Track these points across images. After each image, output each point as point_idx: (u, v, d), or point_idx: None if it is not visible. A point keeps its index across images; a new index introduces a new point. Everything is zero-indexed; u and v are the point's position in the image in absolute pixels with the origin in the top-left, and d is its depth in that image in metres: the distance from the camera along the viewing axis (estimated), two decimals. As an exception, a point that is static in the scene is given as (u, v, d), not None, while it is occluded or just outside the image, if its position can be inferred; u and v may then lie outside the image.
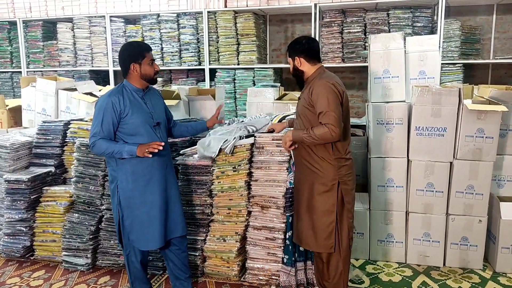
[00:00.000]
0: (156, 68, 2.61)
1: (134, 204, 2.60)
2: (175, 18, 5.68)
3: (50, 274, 3.29)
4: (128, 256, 2.73)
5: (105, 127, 2.50)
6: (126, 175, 2.57)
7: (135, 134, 2.54)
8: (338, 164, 2.52)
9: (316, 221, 2.56)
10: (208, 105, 4.05)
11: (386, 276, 3.19)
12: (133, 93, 2.58)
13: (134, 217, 2.61)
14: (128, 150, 2.49)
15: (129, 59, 2.55)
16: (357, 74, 5.71)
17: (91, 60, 6.13)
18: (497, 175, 3.37)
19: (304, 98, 2.54)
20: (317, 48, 2.61)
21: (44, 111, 4.39)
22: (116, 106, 2.49)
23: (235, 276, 3.09)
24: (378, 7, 5.22)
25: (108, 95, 2.54)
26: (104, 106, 2.50)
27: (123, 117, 2.51)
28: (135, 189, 2.58)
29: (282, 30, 6.07)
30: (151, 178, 2.60)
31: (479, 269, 3.26)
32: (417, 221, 3.32)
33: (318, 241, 2.57)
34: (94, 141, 2.51)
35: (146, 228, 2.61)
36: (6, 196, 3.45)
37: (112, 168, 2.62)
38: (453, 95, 3.10)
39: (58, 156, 3.64)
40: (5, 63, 6.52)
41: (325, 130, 2.38)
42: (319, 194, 2.54)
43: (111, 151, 2.50)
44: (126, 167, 2.56)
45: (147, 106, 2.61)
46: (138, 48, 2.58)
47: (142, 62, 2.54)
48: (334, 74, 2.57)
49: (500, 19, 5.36)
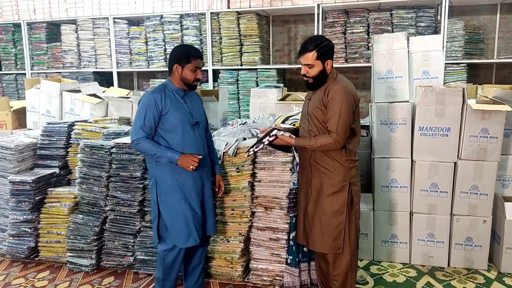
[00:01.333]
0: (198, 76, 2.65)
1: (173, 200, 2.64)
2: (178, 19, 5.70)
3: (55, 275, 3.30)
4: (164, 253, 2.71)
5: (148, 123, 2.57)
6: (165, 172, 2.62)
7: (174, 131, 2.60)
8: (349, 165, 2.52)
9: (325, 222, 2.54)
10: (212, 106, 4.06)
11: (390, 276, 3.19)
12: (174, 93, 2.65)
13: (172, 214, 2.64)
14: (169, 157, 2.56)
15: (174, 59, 2.63)
16: (360, 74, 5.71)
17: (95, 61, 6.16)
18: (501, 175, 3.35)
19: (318, 99, 2.50)
20: None
21: (48, 113, 4.41)
22: (158, 103, 2.57)
23: (239, 276, 3.09)
24: (381, 7, 5.21)
25: (151, 93, 2.63)
26: (147, 102, 2.58)
27: (163, 114, 2.58)
28: (174, 185, 2.63)
29: (285, 31, 6.08)
30: (189, 175, 2.62)
31: (484, 269, 3.25)
32: (421, 221, 3.31)
33: (326, 242, 2.56)
34: (138, 139, 2.58)
35: (185, 225, 2.64)
36: (11, 197, 3.46)
37: (150, 165, 2.69)
38: (457, 95, 3.09)
39: (63, 158, 3.65)
40: (10, 65, 6.56)
41: (329, 140, 2.39)
42: (329, 195, 2.53)
43: (153, 154, 2.57)
44: (165, 164, 2.60)
45: (187, 106, 2.67)
46: (187, 52, 2.64)
47: (185, 66, 2.60)
48: (345, 78, 2.56)
49: (504, 19, 5.34)
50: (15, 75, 6.52)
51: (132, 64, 6.03)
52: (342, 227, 2.53)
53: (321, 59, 2.45)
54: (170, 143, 2.61)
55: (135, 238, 3.27)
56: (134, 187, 3.23)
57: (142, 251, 3.24)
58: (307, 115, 2.59)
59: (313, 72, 2.48)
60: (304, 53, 2.47)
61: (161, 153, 2.56)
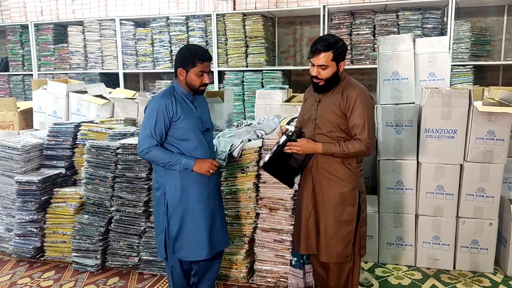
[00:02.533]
0: (205, 81, 2.46)
1: (183, 212, 2.49)
2: (184, 21, 5.72)
3: (60, 275, 3.32)
4: (172, 268, 2.60)
5: (158, 130, 2.39)
6: (175, 182, 2.46)
7: (186, 139, 2.45)
8: (359, 172, 2.44)
9: (333, 232, 2.41)
10: (217, 107, 4.06)
11: (395, 279, 3.17)
12: (183, 97, 2.49)
13: (182, 226, 2.49)
14: (185, 163, 2.41)
15: (179, 62, 2.45)
16: (366, 76, 5.70)
17: (101, 63, 6.20)
18: (508, 178, 3.33)
19: (334, 103, 2.35)
20: None
21: (55, 113, 4.44)
22: (169, 108, 2.39)
23: (243, 278, 3.09)
24: (387, 9, 5.20)
25: (161, 97, 2.44)
26: (157, 107, 2.39)
27: (175, 120, 2.40)
28: (183, 196, 2.47)
29: (291, 32, 6.07)
30: (199, 186, 2.50)
31: (490, 272, 3.22)
32: (427, 224, 3.29)
33: (335, 251, 2.42)
34: (148, 147, 2.40)
35: (194, 238, 2.50)
36: (17, 198, 3.48)
37: (158, 175, 2.51)
38: (463, 97, 3.08)
39: (69, 158, 3.67)
40: (17, 66, 6.61)
41: (362, 147, 2.28)
42: (339, 204, 2.40)
43: (166, 162, 2.40)
44: (176, 173, 2.45)
45: (197, 111, 2.52)
46: (192, 55, 2.43)
47: (190, 70, 2.42)
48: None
49: (511, 20, 5.30)
50: (22, 76, 6.57)
51: (138, 65, 6.05)
52: (352, 235, 2.43)
53: (336, 60, 2.32)
54: (181, 151, 2.45)
55: (140, 238, 3.28)
56: (139, 187, 3.24)
57: (147, 251, 3.25)
58: (316, 119, 2.42)
59: (326, 74, 2.33)
60: (318, 53, 2.30)
61: (175, 160, 2.39)
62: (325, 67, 2.32)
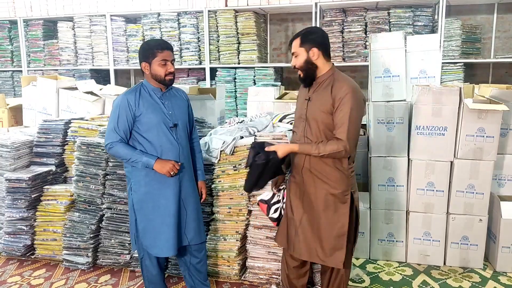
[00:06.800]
0: (169, 69, 2.45)
1: (147, 207, 2.51)
2: (176, 17, 5.69)
3: (51, 273, 3.29)
4: (142, 260, 2.64)
5: (121, 125, 2.44)
6: (140, 178, 2.50)
7: (150, 134, 2.47)
8: (350, 173, 2.35)
9: (326, 234, 2.33)
10: (209, 104, 4.05)
11: (386, 275, 3.20)
12: (151, 93, 2.50)
13: (147, 222, 2.52)
14: (145, 162, 2.43)
15: (141, 57, 2.48)
16: (357, 73, 5.72)
17: (91, 59, 6.14)
18: (497, 175, 3.37)
19: (320, 101, 2.27)
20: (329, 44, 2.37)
21: (45, 110, 4.40)
22: (131, 104, 2.43)
23: (235, 275, 3.09)
24: (378, 6, 5.22)
25: (125, 94, 2.49)
26: (119, 104, 2.45)
27: (137, 115, 2.44)
28: (148, 192, 2.50)
29: (283, 29, 6.07)
30: (165, 182, 2.49)
31: (480, 268, 3.26)
32: (417, 220, 3.32)
33: (327, 254, 2.35)
34: (111, 142, 2.46)
35: (159, 234, 2.52)
36: (7, 195, 3.45)
37: (127, 170, 2.56)
38: (454, 94, 3.10)
39: (59, 155, 3.64)
40: (6, 62, 6.53)
41: (339, 148, 2.18)
42: (330, 206, 2.32)
43: (127, 158, 2.45)
44: (141, 169, 2.48)
45: (165, 106, 2.51)
46: (150, 46, 2.46)
47: (152, 61, 2.43)
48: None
49: (501, 18, 5.36)
50: (12, 72, 6.50)
51: (129, 61, 6.01)
52: (345, 238, 2.32)
53: (304, 46, 2.27)
54: (145, 147, 2.47)
55: (132, 236, 3.26)
56: (130, 185, 3.23)
57: (138, 249, 3.24)
58: (306, 119, 2.35)
59: (298, 61, 2.31)
60: (291, 43, 2.33)
61: (136, 158, 2.43)
62: (297, 55, 2.31)
